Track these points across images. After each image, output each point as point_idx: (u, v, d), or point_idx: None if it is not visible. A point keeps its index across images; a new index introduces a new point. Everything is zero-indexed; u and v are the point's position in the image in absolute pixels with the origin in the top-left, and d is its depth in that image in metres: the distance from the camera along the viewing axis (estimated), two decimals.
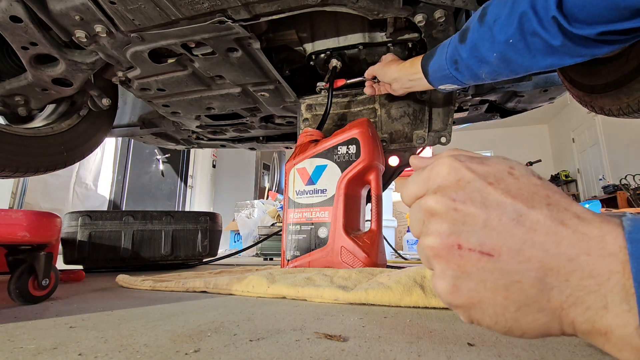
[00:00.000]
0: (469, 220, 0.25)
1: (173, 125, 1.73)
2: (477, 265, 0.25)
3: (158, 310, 0.62)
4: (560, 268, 0.23)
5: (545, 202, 0.24)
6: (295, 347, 0.40)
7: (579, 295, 0.22)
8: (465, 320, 0.27)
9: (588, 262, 0.22)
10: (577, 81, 1.14)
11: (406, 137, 1.21)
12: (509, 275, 0.24)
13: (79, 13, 0.93)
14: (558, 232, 0.23)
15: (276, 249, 2.79)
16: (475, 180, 0.26)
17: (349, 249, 1.01)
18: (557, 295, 0.23)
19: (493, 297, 0.24)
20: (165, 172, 5.06)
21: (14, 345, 0.41)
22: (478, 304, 0.25)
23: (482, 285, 0.25)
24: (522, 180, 0.26)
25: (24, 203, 3.31)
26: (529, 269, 0.23)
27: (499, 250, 0.24)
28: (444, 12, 0.93)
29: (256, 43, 1.03)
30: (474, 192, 0.26)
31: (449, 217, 0.26)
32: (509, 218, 0.24)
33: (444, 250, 0.26)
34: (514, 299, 0.24)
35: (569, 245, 0.23)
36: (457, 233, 0.25)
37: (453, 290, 0.26)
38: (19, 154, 1.18)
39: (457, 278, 0.25)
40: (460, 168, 0.27)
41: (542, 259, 0.23)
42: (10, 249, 0.74)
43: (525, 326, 0.24)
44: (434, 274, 0.27)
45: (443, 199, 0.26)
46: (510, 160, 0.28)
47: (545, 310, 0.24)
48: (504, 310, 0.24)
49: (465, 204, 0.25)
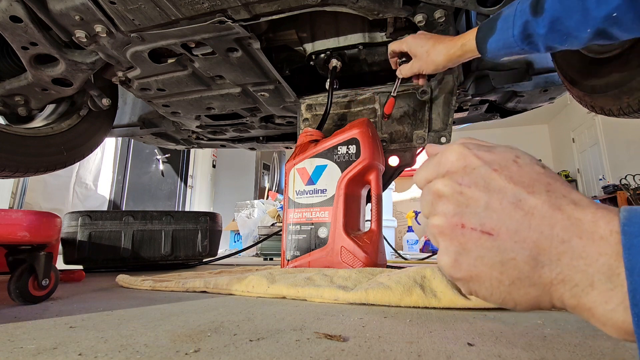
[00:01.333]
0: (472, 203, 0.28)
1: (173, 125, 1.73)
2: (477, 243, 0.27)
3: (158, 310, 0.62)
4: (553, 248, 0.25)
5: (545, 189, 0.26)
6: (295, 347, 0.40)
7: (568, 273, 0.24)
8: (465, 292, 0.30)
9: (579, 245, 0.24)
10: (578, 81, 1.14)
11: (406, 137, 1.21)
12: (505, 252, 0.26)
13: (79, 13, 0.93)
14: (553, 216, 0.25)
15: (276, 249, 2.79)
16: (481, 166, 0.28)
17: (349, 249, 1.01)
18: (547, 273, 0.25)
19: (490, 271, 0.27)
20: (165, 172, 5.06)
21: (14, 345, 0.41)
22: (476, 277, 0.28)
23: (480, 261, 0.27)
24: (525, 168, 0.28)
25: (24, 203, 3.31)
26: (524, 248, 0.26)
27: (498, 230, 0.27)
28: (444, 12, 0.93)
29: (256, 43, 1.03)
30: (478, 178, 0.28)
31: (454, 199, 0.28)
32: (508, 202, 0.27)
33: (449, 229, 0.28)
34: (508, 274, 0.26)
35: (562, 229, 0.25)
36: (460, 214, 0.28)
37: (454, 265, 0.28)
38: (19, 154, 1.18)
39: (459, 254, 0.28)
40: (468, 155, 0.29)
41: (537, 240, 0.25)
42: (10, 249, 0.74)
43: (517, 299, 0.27)
44: (440, 250, 0.30)
45: (450, 183, 0.29)
46: (516, 149, 0.30)
47: (536, 285, 0.26)
48: (499, 284, 0.27)
49: (470, 187, 0.28)
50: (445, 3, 0.90)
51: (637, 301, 0.21)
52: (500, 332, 0.46)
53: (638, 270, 0.21)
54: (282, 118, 1.63)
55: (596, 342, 0.42)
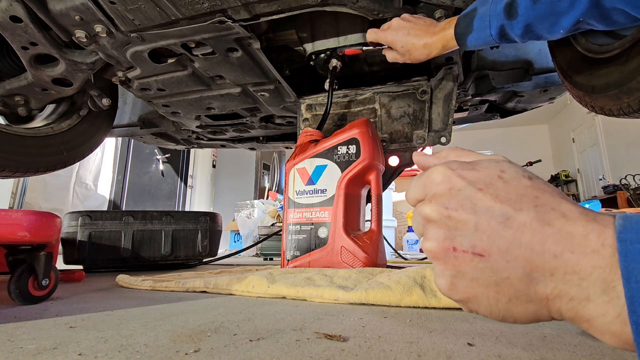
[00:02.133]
0: (461, 225, 0.28)
1: (173, 125, 1.73)
2: (470, 265, 0.27)
3: (158, 310, 0.62)
4: (545, 264, 0.25)
5: (533, 204, 0.26)
6: (295, 347, 0.40)
7: (563, 288, 0.24)
8: (466, 311, 0.30)
9: (571, 259, 0.24)
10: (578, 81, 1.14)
11: (406, 137, 1.21)
12: (499, 272, 0.26)
13: (79, 13, 0.93)
14: (543, 232, 0.25)
15: (276, 249, 2.79)
16: (465, 187, 0.28)
17: (349, 249, 1.01)
18: (542, 288, 0.25)
19: (486, 291, 0.27)
20: (165, 172, 5.06)
21: (14, 345, 0.41)
22: (474, 298, 0.28)
23: (475, 282, 0.28)
24: (511, 183, 0.28)
25: (24, 203, 3.31)
26: (517, 267, 0.26)
27: (489, 251, 0.27)
28: (444, 12, 0.93)
29: (256, 43, 1.03)
30: (464, 200, 0.28)
31: (443, 223, 0.29)
32: (497, 222, 0.26)
33: (441, 253, 0.29)
34: (504, 292, 0.27)
35: (553, 244, 0.25)
36: (451, 238, 0.28)
37: (451, 287, 0.29)
38: (19, 154, 1.18)
39: (454, 277, 0.28)
40: (452, 176, 0.29)
41: (529, 257, 0.25)
42: (10, 249, 0.74)
43: (516, 315, 0.27)
44: (435, 273, 0.30)
45: (437, 208, 0.29)
46: (501, 162, 0.30)
47: (533, 301, 0.26)
48: (497, 302, 0.27)
49: (457, 211, 0.28)
50: (445, 3, 0.90)
51: (635, 308, 0.21)
52: (500, 332, 0.46)
53: (635, 277, 0.21)
54: (282, 118, 1.63)
55: (596, 342, 0.42)
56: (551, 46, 1.12)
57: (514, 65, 1.35)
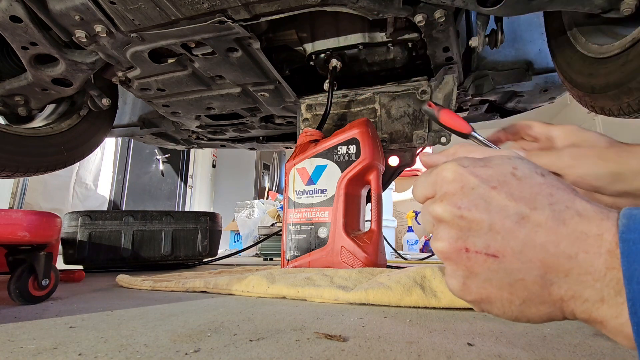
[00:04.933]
0: (474, 226, 0.27)
1: (173, 125, 1.73)
2: (484, 266, 0.27)
3: (158, 310, 0.62)
4: (560, 266, 0.24)
5: (547, 202, 0.25)
6: (295, 347, 0.40)
7: (577, 289, 0.24)
8: (477, 311, 0.30)
9: (586, 260, 0.23)
10: (578, 81, 1.14)
11: (406, 137, 1.21)
12: (513, 274, 0.26)
13: (79, 13, 0.93)
14: (558, 232, 0.24)
15: (276, 249, 2.79)
16: (479, 186, 0.27)
17: (349, 249, 1.01)
18: (557, 290, 0.25)
19: (499, 293, 0.27)
20: (165, 172, 5.06)
21: (14, 345, 0.41)
22: (487, 299, 0.27)
23: (488, 284, 0.27)
24: (525, 180, 0.27)
25: (24, 203, 3.31)
26: (531, 268, 0.25)
27: (503, 252, 0.26)
28: (444, 12, 0.93)
29: (256, 43, 1.03)
30: (478, 199, 0.27)
31: (455, 224, 0.27)
32: (511, 221, 0.26)
33: (453, 254, 0.28)
34: (518, 294, 0.26)
35: (568, 244, 0.24)
36: (463, 238, 0.27)
37: (463, 288, 0.28)
38: (19, 154, 1.18)
39: (466, 277, 0.28)
40: (464, 174, 0.28)
41: (543, 259, 0.25)
42: (10, 249, 0.74)
43: (530, 316, 0.27)
44: (446, 273, 0.29)
45: (449, 208, 0.28)
46: (513, 158, 0.29)
47: (547, 303, 0.25)
48: (510, 304, 0.27)
49: (470, 210, 0.27)
50: (445, 3, 0.89)
51: (636, 310, 0.21)
52: (500, 332, 0.46)
53: (637, 278, 0.21)
54: (282, 118, 1.63)
55: (596, 342, 0.42)
56: (551, 46, 1.12)
57: (514, 65, 1.35)
